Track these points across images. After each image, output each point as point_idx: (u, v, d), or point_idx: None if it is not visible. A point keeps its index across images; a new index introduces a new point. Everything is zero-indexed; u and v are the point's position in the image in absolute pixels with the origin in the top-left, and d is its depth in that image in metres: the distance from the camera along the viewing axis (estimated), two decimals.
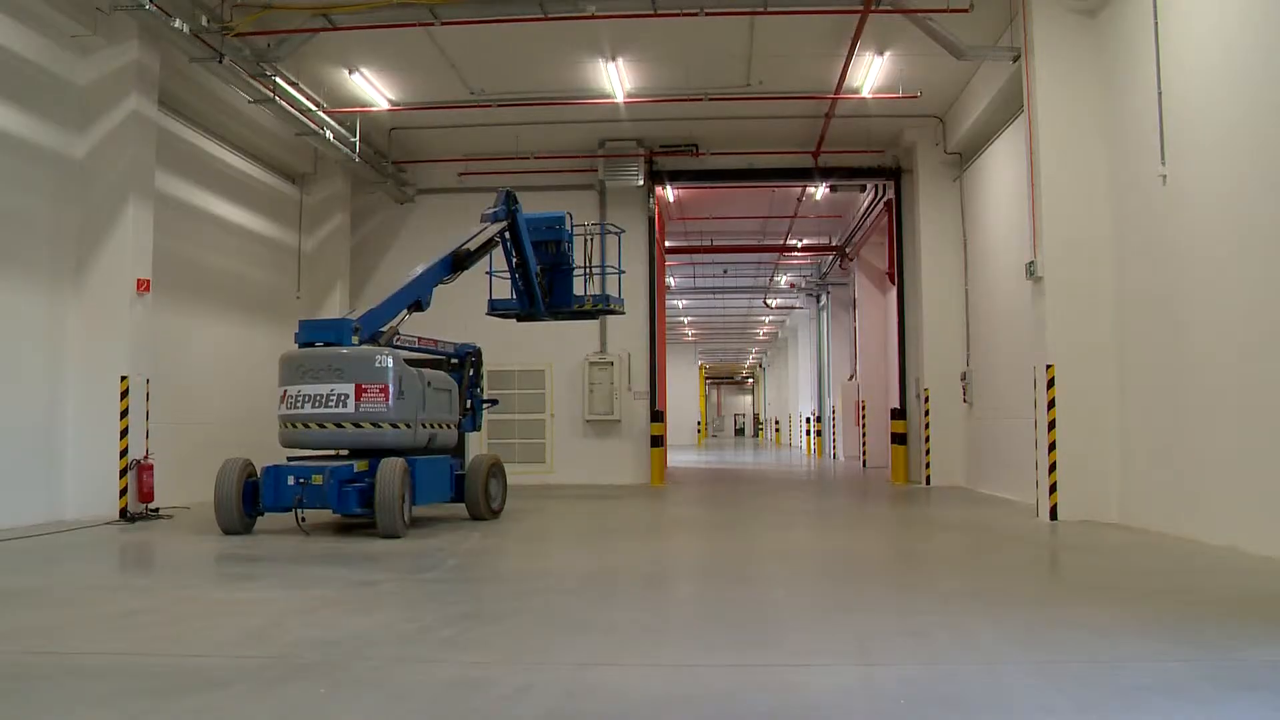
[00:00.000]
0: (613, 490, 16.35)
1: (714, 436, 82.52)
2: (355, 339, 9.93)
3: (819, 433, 31.74)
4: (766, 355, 61.59)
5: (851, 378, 26.70)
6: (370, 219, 18.69)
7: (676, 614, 5.98)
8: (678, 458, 31.24)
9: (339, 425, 9.75)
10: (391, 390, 9.85)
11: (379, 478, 9.49)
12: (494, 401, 13.08)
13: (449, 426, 11.11)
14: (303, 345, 9.99)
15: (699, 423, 54.29)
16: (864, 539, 9.76)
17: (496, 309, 13.43)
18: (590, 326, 18.14)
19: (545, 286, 12.94)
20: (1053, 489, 10.82)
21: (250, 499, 9.88)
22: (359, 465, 9.78)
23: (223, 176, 14.71)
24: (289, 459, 10.18)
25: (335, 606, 6.08)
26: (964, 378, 16.37)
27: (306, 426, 9.81)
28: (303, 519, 9.75)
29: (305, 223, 17.14)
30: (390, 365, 9.85)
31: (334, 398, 9.74)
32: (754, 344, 56.79)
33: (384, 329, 10.44)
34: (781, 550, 8.88)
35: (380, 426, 9.83)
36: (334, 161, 16.61)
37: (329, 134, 14.76)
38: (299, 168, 16.88)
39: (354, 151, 15.57)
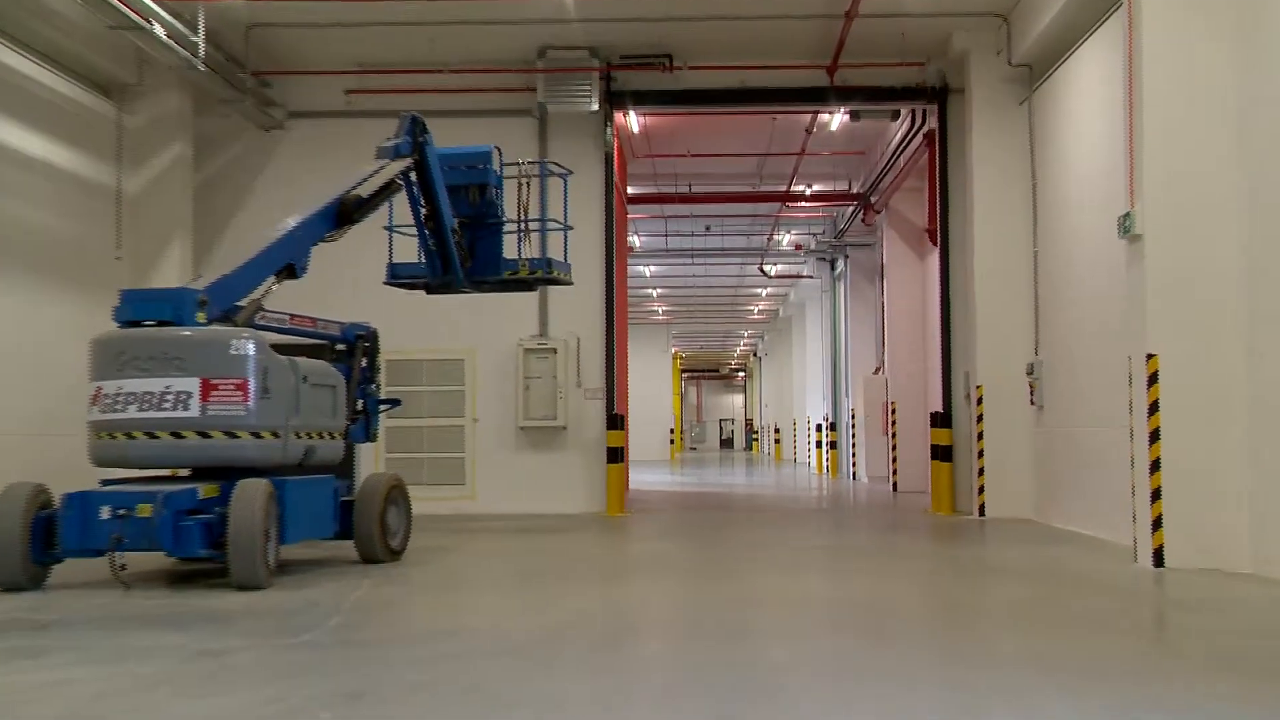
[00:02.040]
0: (557, 521, 16.53)
1: (693, 449, 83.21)
2: (201, 317, 9.91)
3: (833, 445, 31.89)
4: (763, 341, 62.03)
5: (878, 371, 26.80)
6: (222, 151, 18.45)
7: (644, 685, 6.03)
8: (645, 477, 31.40)
9: (177, 435, 9.73)
10: (252, 387, 9.85)
11: (233, 507, 9.50)
12: (395, 402, 13.10)
13: (332, 436, 11.21)
14: (125, 325, 9.93)
15: (673, 431, 54.44)
16: (894, 588, 9.91)
17: (399, 277, 13.46)
18: (526, 301, 18.06)
19: (465, 247, 13.00)
20: (1156, 525, 10.74)
21: (42, 539, 9.65)
22: (205, 490, 9.75)
23: (1, 85, 14.16)
24: (103, 482, 10.03)
25: (165, 687, 5.96)
26: (1031, 372, 16.38)
27: (130, 437, 9.74)
28: (122, 566, 9.46)
29: (127, 154, 16.63)
30: (250, 353, 9.87)
31: (170, 397, 9.67)
32: (746, 325, 57.16)
33: (242, 303, 10.37)
34: (784, 600, 9.05)
35: (236, 436, 9.85)
36: (167, 69, 15.94)
37: (159, 29, 14.29)
38: (117, 76, 16.25)
39: (196, 55, 15.13)
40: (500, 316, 18.12)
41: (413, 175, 12.18)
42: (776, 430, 52.85)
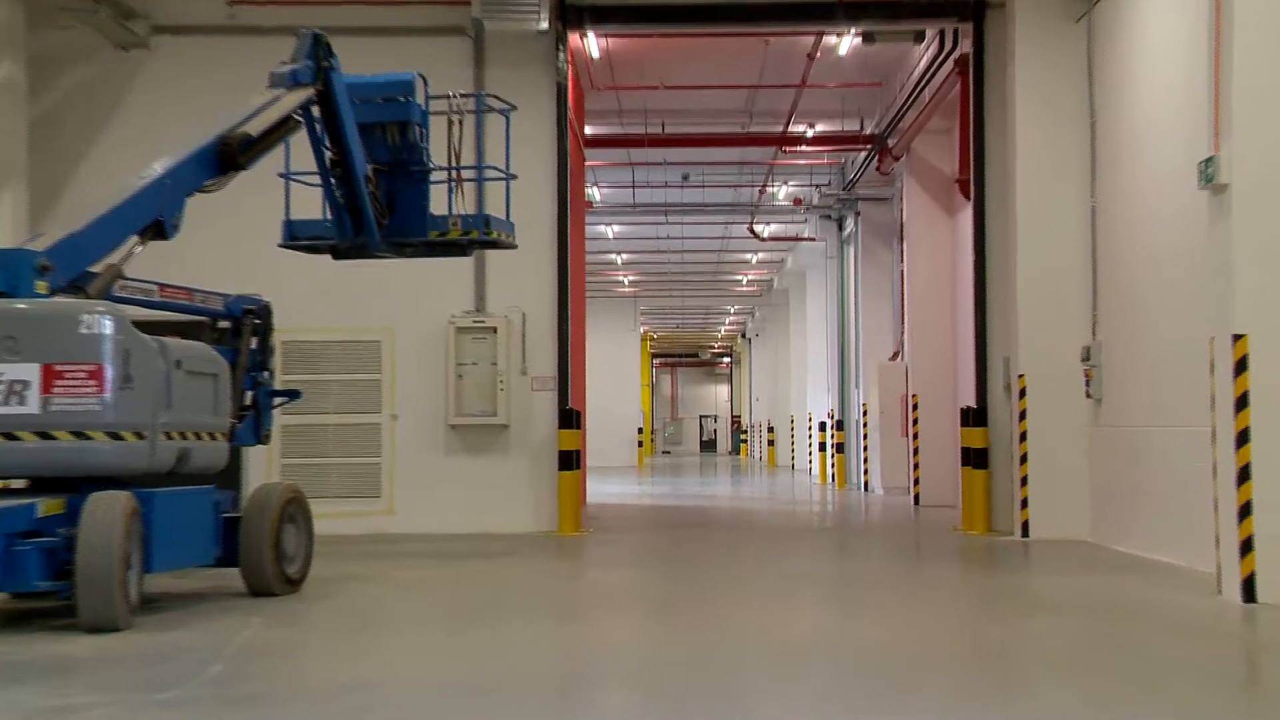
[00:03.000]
0: (496, 543, 16.59)
1: (666, 453, 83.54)
2: (42, 286, 9.83)
3: (839, 448, 31.93)
4: (754, 319, 62.26)
5: (895, 357, 26.85)
6: (65, 75, 18.26)
7: None
8: (606, 488, 31.54)
9: (10, 436, 9.70)
10: (109, 375, 9.82)
11: (83, 527, 9.45)
12: (293, 394, 13.13)
13: (213, 437, 11.18)
14: None
15: (641, 431, 54.50)
16: (917, 630, 9.94)
17: (298, 238, 13.46)
18: (459, 269, 18.02)
19: (382, 200, 13.00)
20: (1246, 548, 10.70)
21: None
22: (46, 506, 9.71)
23: None
24: None
25: None
26: (1088, 358, 16.38)
27: None
28: None
29: None
30: (107, 332, 9.83)
31: (2, 388, 9.66)
32: (733, 299, 57.29)
33: (96, 269, 10.27)
34: (777, 646, 9.11)
35: (88, 438, 9.82)
36: None
37: None
38: None
39: None
40: (426, 288, 18.11)
41: (315, 109, 12.14)
42: (770, 430, 53.00)
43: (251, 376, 12.12)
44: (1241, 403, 10.76)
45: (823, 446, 34.35)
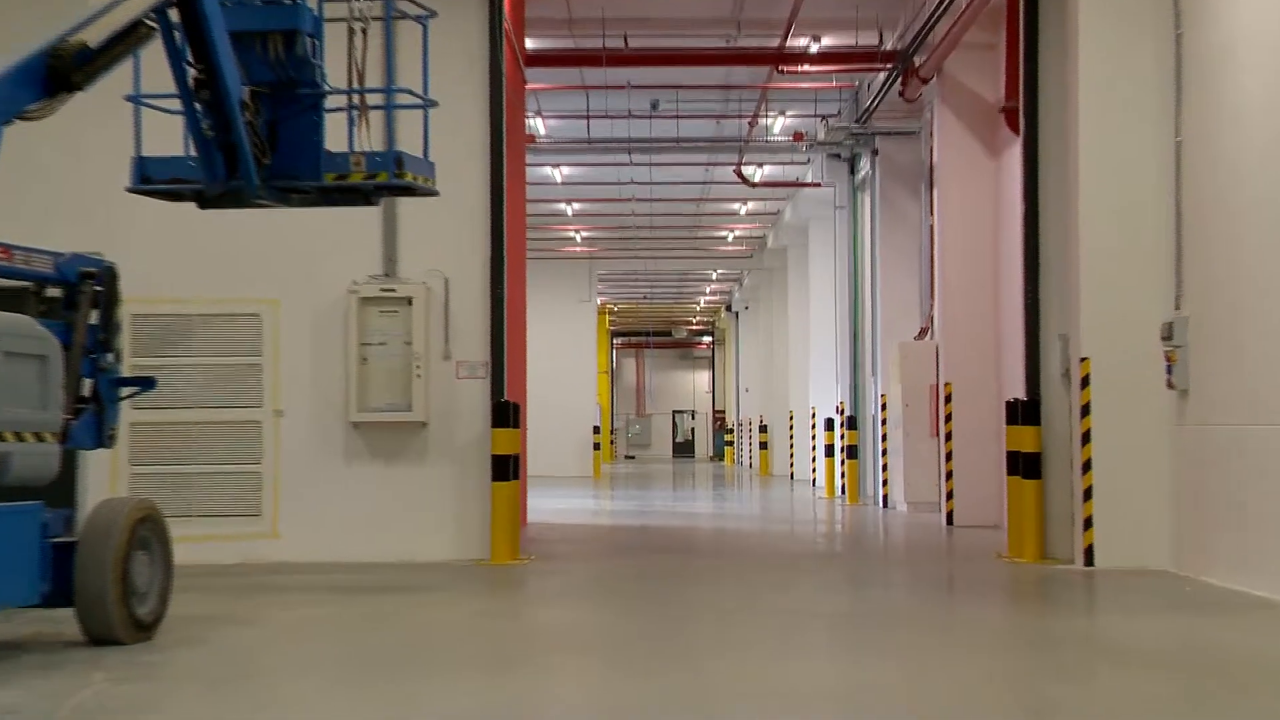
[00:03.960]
0: (411, 574, 16.67)
1: (630, 458, 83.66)
2: None
3: (851, 451, 31.89)
4: (741, 288, 62.33)
5: (923, 334, 26.84)
6: None
7: None
8: (553, 503, 31.55)
9: None
10: None
11: None
12: (146, 383, 13.12)
13: (39, 438, 11.13)
14: None
15: (598, 430, 54.37)
16: (950, 681, 10.03)
17: (153, 180, 13.37)
18: (362, 222, 18.03)
19: (263, 133, 12.93)
20: None
21: None
22: None
23: None
24: None
25: None
26: (1170, 336, 16.42)
27: None
28: None
29: None
30: None
31: None
32: (715, 262, 57.32)
33: None
34: (771, 702, 9.13)
35: None
36: None
37: None
38: None
39: None
40: (320, 246, 18.16)
41: (174, 12, 11.98)
42: (762, 428, 52.93)
43: (91, 360, 12.03)
44: None
45: (829, 450, 34.29)
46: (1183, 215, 16.34)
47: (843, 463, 32.64)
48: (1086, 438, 16.85)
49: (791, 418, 45.74)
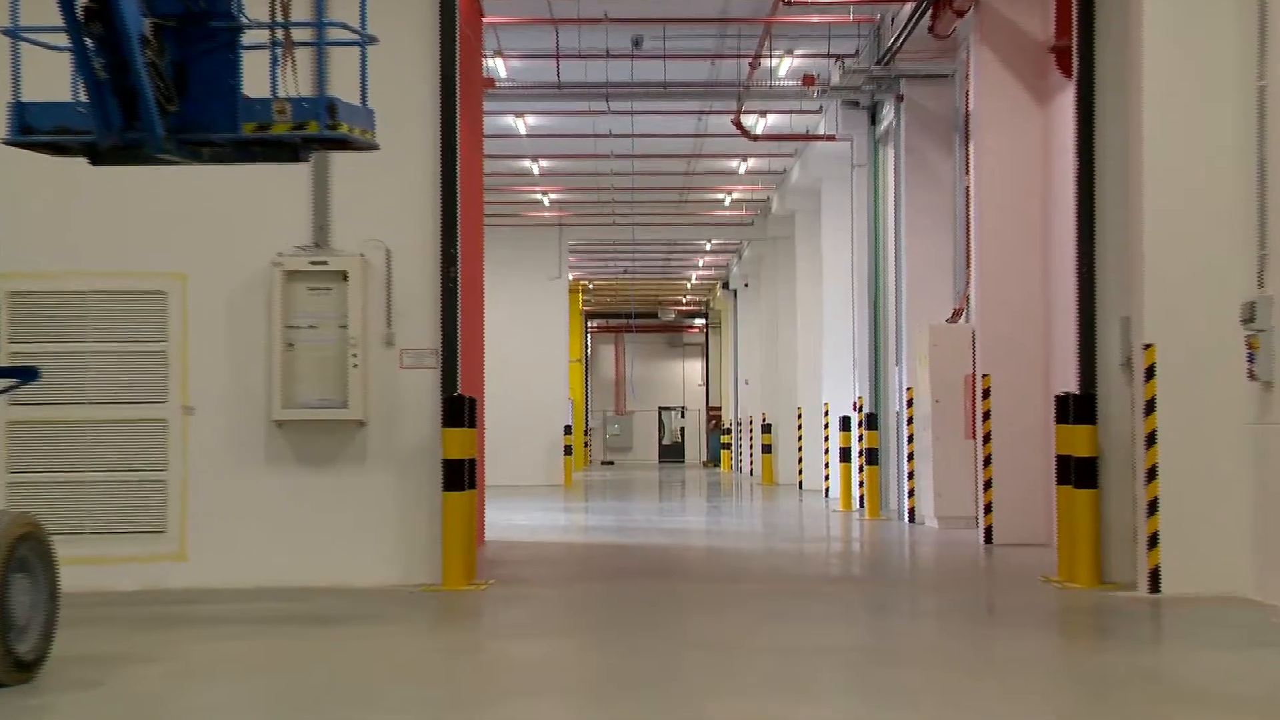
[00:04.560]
0: (347, 602, 16.68)
1: (608, 463, 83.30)
2: None
3: (871, 455, 31.86)
4: (740, 261, 62.26)
5: (958, 316, 26.82)
6: None
7: None
8: (516, 518, 31.64)
9: None
10: None
11: None
12: (27, 374, 13.15)
13: None
14: None
15: (569, 431, 54.29)
16: None
17: (35, 130, 13.30)
18: (288, 182, 18.01)
19: (169, 75, 12.88)
20: None
21: None
22: None
23: None
24: None
25: None
26: (1252, 318, 16.41)
27: None
28: None
29: None
30: None
31: None
32: (709, 230, 57.16)
33: None
34: None
35: None
36: None
37: None
38: None
39: None
40: (237, 212, 18.19)
41: None
42: (765, 429, 52.87)
43: None
44: None
45: (845, 455, 34.24)
46: (1267, 175, 16.32)
47: (860, 469, 32.58)
48: (1151, 439, 16.81)
49: (800, 416, 45.57)
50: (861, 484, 32.44)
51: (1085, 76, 18.28)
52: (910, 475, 28.91)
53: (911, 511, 28.84)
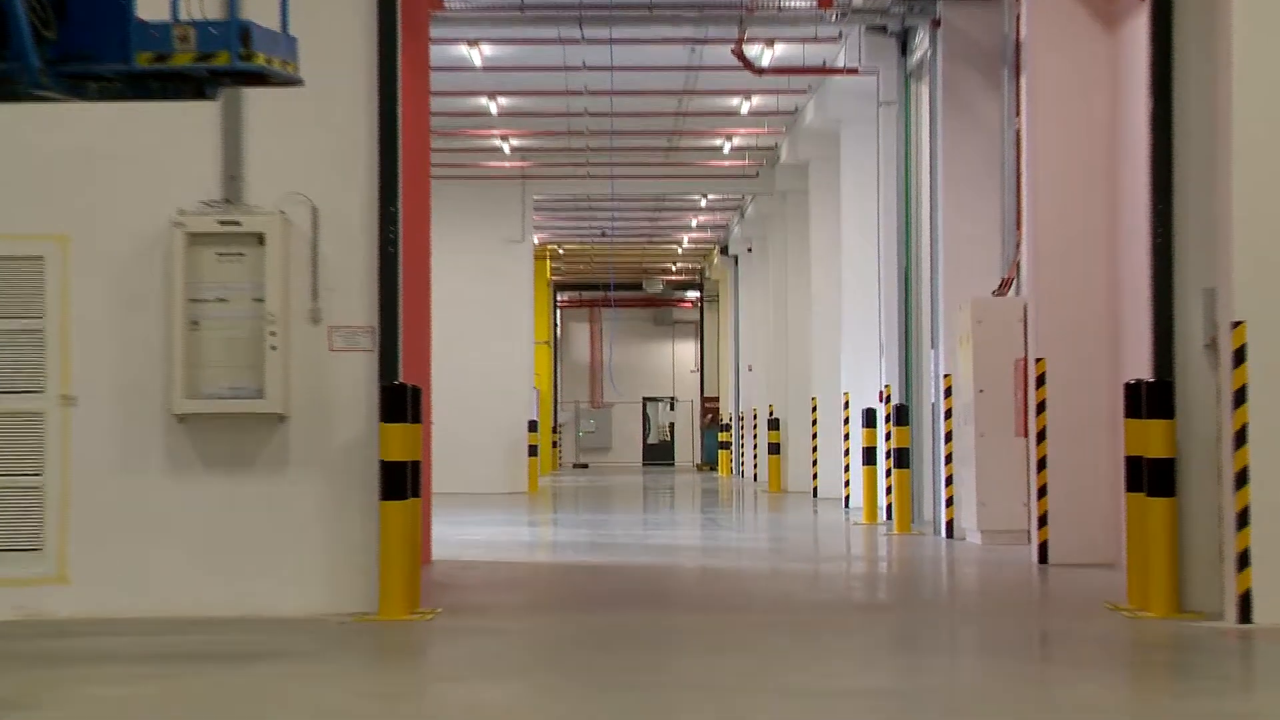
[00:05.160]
0: (264, 635, 16.73)
1: (581, 466, 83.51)
2: None
3: (901, 457, 31.86)
4: (742, 221, 62.66)
5: (1006, 288, 26.88)
6: None
7: None
8: (470, 532, 31.88)
9: None
10: None
11: None
12: None
13: None
14: None
15: (535, 427, 54.33)
16: None
17: None
18: (192, 125, 18.09)
19: None
20: None
21: None
22: None
23: None
24: None
25: None
26: None
27: None
28: None
29: None
30: None
31: None
32: (704, 185, 57.31)
33: None
34: None
35: None
36: None
37: None
38: None
39: None
40: (130, 161, 18.20)
41: None
42: (772, 425, 52.95)
43: None
44: None
45: (869, 456, 34.38)
46: None
47: (888, 474, 32.70)
48: (1241, 436, 16.86)
49: (815, 409, 45.79)
50: (889, 491, 32.57)
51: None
52: (948, 481, 29.04)
53: (949, 525, 28.94)
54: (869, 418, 34.10)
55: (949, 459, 28.87)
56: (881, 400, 33.54)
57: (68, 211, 18.24)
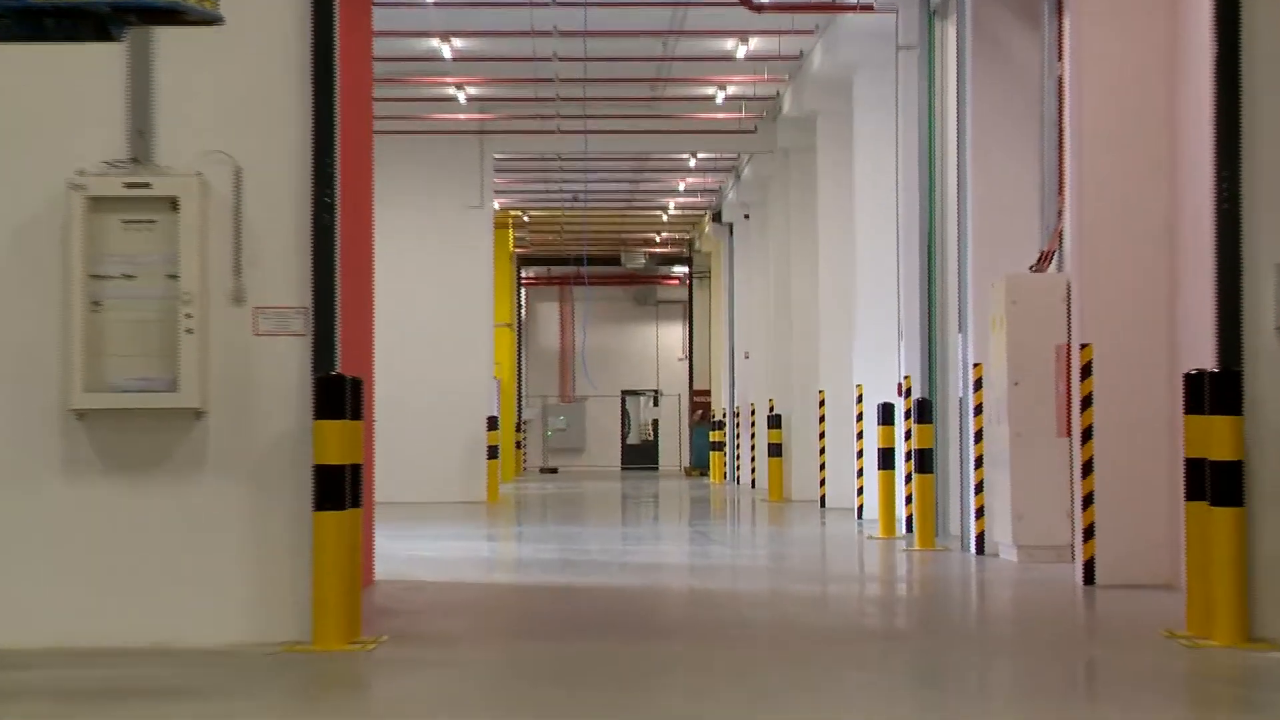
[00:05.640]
0: (180, 668, 16.70)
1: (550, 471, 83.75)
2: None
3: (923, 460, 31.86)
4: (738, 184, 62.89)
5: (1045, 262, 26.85)
6: None
7: None
8: (419, 548, 32.09)
9: None
10: None
11: None
12: None
13: None
14: None
15: (496, 425, 54.41)
16: None
17: None
18: (94, 71, 18.11)
19: None
20: None
21: None
22: None
23: None
24: None
25: None
26: None
27: None
28: None
29: None
30: None
31: None
32: (692, 141, 57.42)
33: None
34: None
35: None
36: None
37: None
38: None
39: None
40: (20, 113, 18.28)
41: None
42: (772, 423, 53.03)
43: None
44: None
45: (886, 459, 34.37)
46: None
47: (908, 480, 32.75)
48: None
49: (822, 404, 45.85)
50: (909, 500, 32.63)
51: None
52: (978, 488, 29.06)
53: (980, 539, 28.96)
54: (886, 414, 34.07)
55: (979, 463, 28.91)
56: (900, 394, 33.63)
57: None
